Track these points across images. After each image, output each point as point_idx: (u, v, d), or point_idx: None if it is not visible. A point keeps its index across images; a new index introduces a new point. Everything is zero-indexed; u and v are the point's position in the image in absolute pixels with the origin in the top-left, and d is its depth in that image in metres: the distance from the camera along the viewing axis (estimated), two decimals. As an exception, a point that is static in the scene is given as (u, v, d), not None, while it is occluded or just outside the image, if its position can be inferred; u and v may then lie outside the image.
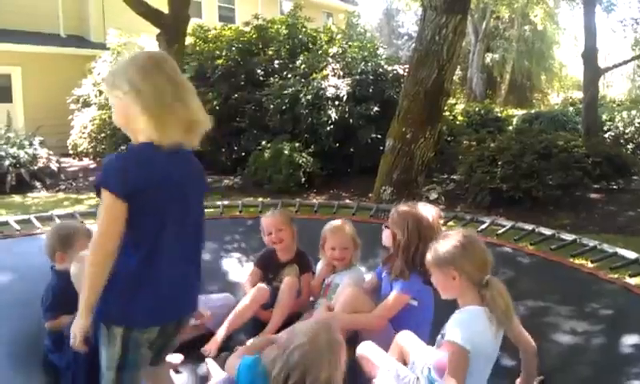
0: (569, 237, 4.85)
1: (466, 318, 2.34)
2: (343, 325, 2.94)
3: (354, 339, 2.87)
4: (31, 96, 15.71)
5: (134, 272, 1.99)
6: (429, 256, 2.47)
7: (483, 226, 5.36)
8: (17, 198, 10.26)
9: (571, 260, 4.50)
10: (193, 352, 3.07)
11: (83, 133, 14.04)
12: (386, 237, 3.12)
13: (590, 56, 15.31)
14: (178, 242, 2.08)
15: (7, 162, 10.72)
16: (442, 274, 2.41)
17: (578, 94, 23.38)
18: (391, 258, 3.13)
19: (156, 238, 2.01)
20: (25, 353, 2.93)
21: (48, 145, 12.21)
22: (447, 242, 2.42)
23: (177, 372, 2.88)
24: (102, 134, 13.33)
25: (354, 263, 3.49)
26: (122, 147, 12.87)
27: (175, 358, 2.96)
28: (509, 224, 5.28)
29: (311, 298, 3.60)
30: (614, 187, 11.53)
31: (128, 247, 1.96)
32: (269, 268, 3.57)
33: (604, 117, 17.09)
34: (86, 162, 14.07)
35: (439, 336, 2.50)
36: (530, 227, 5.11)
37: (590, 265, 4.51)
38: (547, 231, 5.04)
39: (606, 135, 15.80)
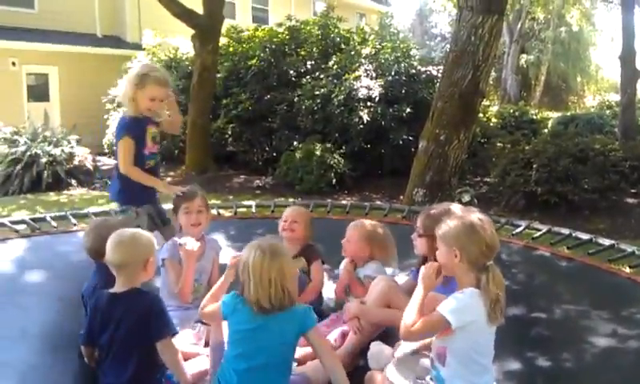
0: (606, 242, 4.78)
1: (462, 299, 2.27)
2: (375, 319, 2.92)
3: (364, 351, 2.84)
4: (67, 95, 16.04)
5: None
6: (438, 229, 2.42)
7: (518, 230, 5.31)
8: (52, 196, 10.45)
9: (609, 265, 4.43)
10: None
11: (118, 132, 14.20)
12: (423, 245, 3.01)
13: (627, 58, 15.00)
14: None
15: (44, 160, 10.90)
16: (445, 249, 2.37)
17: (615, 97, 22.89)
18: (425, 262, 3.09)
19: None
20: (62, 344, 2.99)
21: (83, 143, 12.42)
22: (457, 219, 2.36)
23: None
24: (136, 134, 13.45)
25: (375, 259, 3.46)
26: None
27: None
28: (545, 228, 5.22)
29: (329, 296, 3.61)
30: (652, 192, 11.28)
31: None
32: None
33: (641, 120, 16.75)
34: (121, 160, 14.22)
35: None
36: (566, 231, 5.05)
37: (628, 270, 4.43)
38: (584, 236, 4.97)
39: (644, 139, 15.48)
